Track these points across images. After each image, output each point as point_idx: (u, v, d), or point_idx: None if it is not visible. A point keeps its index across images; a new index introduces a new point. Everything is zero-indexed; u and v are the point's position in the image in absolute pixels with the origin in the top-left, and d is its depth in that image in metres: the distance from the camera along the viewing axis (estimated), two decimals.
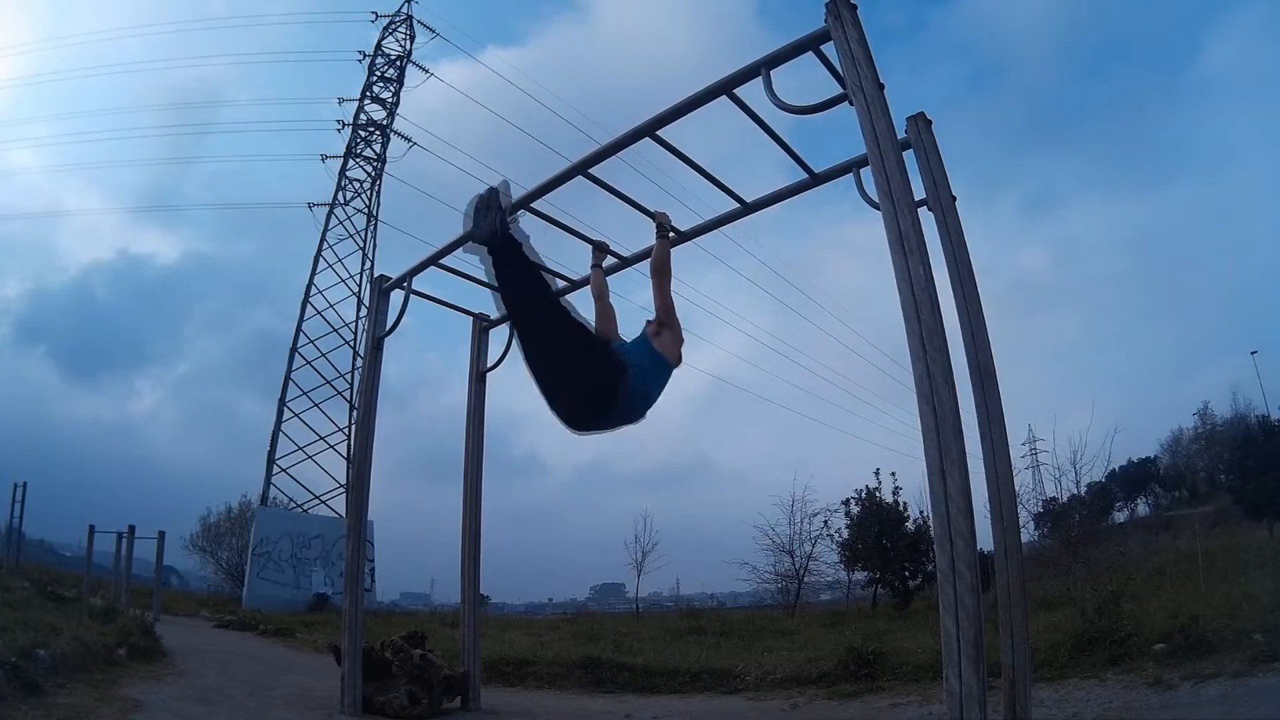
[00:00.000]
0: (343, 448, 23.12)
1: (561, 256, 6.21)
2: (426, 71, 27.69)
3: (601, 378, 3.21)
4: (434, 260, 5.76)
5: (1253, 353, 33.61)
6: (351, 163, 26.46)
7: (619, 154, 4.59)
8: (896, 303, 3.08)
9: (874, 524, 16.43)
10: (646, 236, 4.38)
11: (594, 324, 3.93)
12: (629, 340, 3.72)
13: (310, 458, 23.21)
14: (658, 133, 4.30)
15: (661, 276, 3.73)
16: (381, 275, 6.32)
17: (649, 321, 3.80)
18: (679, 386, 3.69)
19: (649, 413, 3.41)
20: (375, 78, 27.33)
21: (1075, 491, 13.93)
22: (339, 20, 37.95)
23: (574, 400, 3.25)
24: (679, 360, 3.58)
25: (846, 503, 17.13)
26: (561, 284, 5.97)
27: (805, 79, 3.77)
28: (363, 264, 25.48)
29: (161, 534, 13.44)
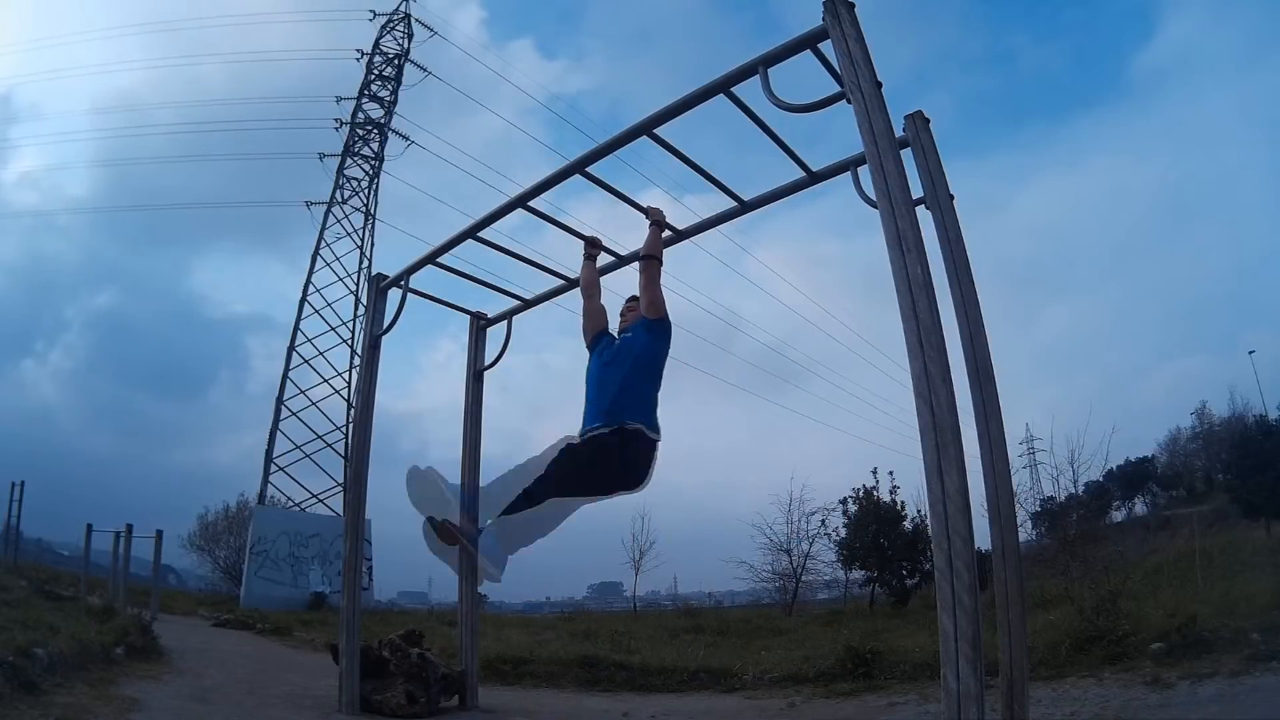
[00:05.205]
0: (340, 446, 23.11)
1: (558, 254, 6.19)
2: (425, 70, 27.68)
3: (632, 463, 3.44)
4: (432, 258, 5.74)
5: (1250, 352, 33.77)
6: (349, 161, 26.45)
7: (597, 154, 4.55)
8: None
9: (871, 523, 16.47)
10: (638, 238, 4.37)
11: (582, 325, 4.00)
12: (627, 334, 3.77)
13: (308, 456, 23.21)
14: (655, 131, 4.28)
15: (650, 260, 3.81)
16: (379, 274, 6.30)
17: (632, 300, 3.88)
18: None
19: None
20: (373, 76, 27.31)
21: (1073, 490, 13.90)
22: (337, 19, 37.78)
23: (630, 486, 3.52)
24: (666, 312, 3.76)
25: (844, 502, 17.19)
26: (557, 283, 5.96)
27: (799, 77, 3.76)
28: (360, 262, 25.49)
29: (159, 533, 13.40)
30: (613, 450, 3.39)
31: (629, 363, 3.59)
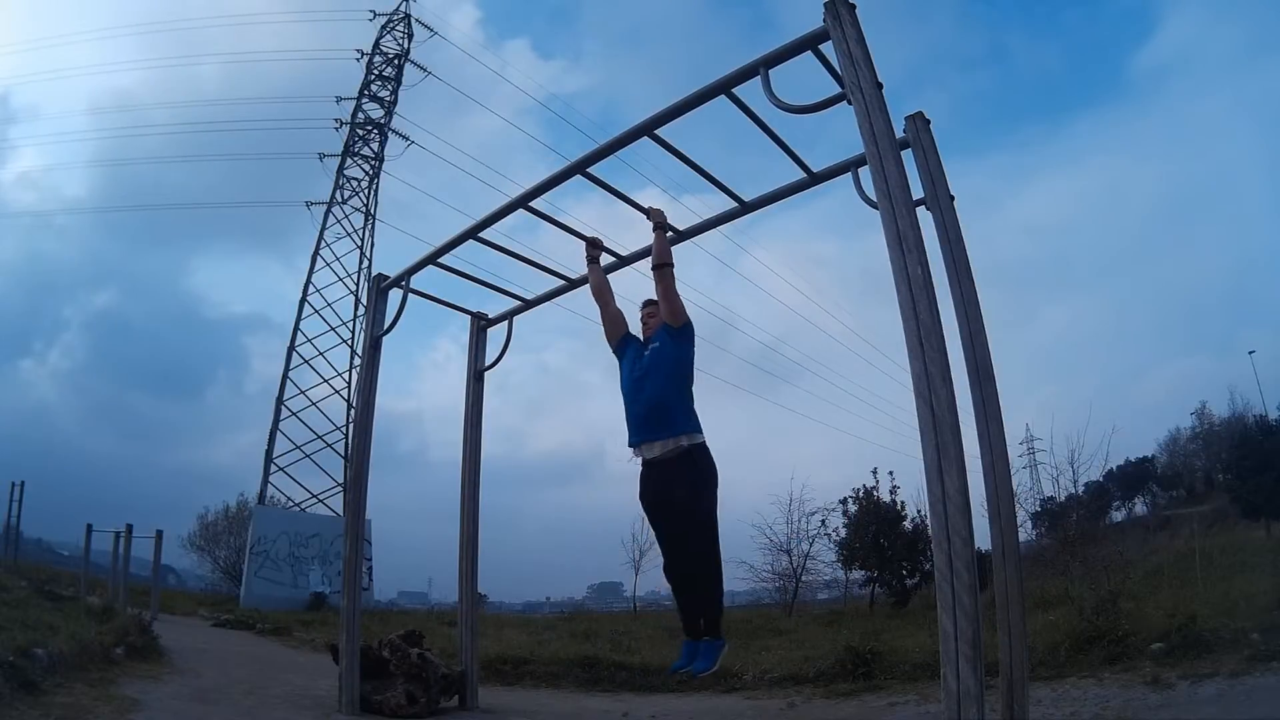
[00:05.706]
0: (340, 446, 23.12)
1: (558, 254, 6.20)
2: (425, 71, 27.69)
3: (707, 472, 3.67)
4: (433, 259, 5.74)
5: (1250, 352, 33.74)
6: (349, 161, 26.45)
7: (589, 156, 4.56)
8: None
9: (871, 523, 16.45)
10: (638, 237, 4.38)
11: (604, 331, 4.05)
12: (654, 343, 3.82)
13: (308, 456, 23.21)
14: (655, 131, 4.29)
15: (663, 268, 3.82)
16: (380, 274, 6.30)
17: (649, 305, 3.91)
18: None
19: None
20: (373, 76, 27.31)
21: (1073, 491, 13.92)
22: (337, 19, 37.77)
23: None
24: (688, 317, 3.88)
25: (844, 502, 17.16)
26: (557, 283, 5.96)
27: (800, 78, 3.77)
28: (360, 262, 25.51)
29: (159, 533, 13.43)
30: (674, 479, 3.63)
31: (661, 373, 3.75)
